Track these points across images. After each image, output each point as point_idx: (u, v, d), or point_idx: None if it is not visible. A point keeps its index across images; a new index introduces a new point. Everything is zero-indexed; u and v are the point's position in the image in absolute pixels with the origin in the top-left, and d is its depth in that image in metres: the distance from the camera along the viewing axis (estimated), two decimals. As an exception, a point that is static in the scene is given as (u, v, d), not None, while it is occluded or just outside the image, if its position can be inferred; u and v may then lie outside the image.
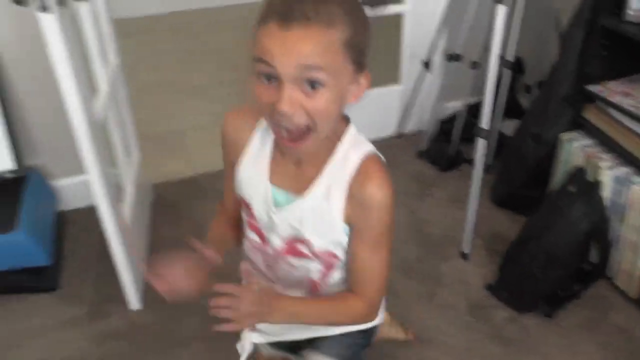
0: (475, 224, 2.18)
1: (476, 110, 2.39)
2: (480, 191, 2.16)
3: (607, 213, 1.97)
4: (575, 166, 2.07)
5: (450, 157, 2.66)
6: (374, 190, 1.05)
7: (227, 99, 3.17)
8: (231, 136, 1.18)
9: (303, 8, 0.90)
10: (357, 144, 1.10)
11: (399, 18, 2.65)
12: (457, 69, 2.55)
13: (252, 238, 1.22)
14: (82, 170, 1.83)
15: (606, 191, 1.97)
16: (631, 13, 1.96)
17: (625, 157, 1.99)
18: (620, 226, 1.97)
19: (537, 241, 1.92)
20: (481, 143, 2.08)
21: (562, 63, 2.17)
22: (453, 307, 2.02)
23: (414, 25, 2.66)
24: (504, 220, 2.37)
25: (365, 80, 1.02)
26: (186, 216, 2.41)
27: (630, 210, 1.93)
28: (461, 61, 2.52)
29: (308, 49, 0.91)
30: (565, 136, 2.15)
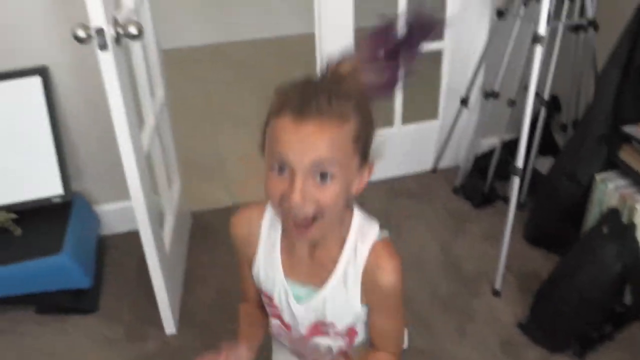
0: (507, 261, 2.18)
1: (511, 147, 2.40)
2: (513, 228, 2.16)
3: (642, 255, 1.95)
4: (609, 207, 2.06)
5: (484, 194, 2.67)
6: (386, 278, 1.11)
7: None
8: (241, 237, 1.22)
9: (318, 102, 0.93)
10: (364, 234, 1.13)
11: (439, 55, 2.69)
12: (494, 106, 2.56)
13: (276, 324, 1.26)
14: (123, 196, 1.86)
15: (641, 233, 1.96)
16: (668, 55, 1.96)
17: (660, 199, 1.97)
18: (654, 268, 1.95)
19: (570, 281, 1.91)
20: (516, 181, 2.10)
21: (598, 102, 2.17)
22: (484, 344, 2.02)
23: (453, 62, 2.70)
24: (537, 258, 2.36)
25: (368, 172, 1.06)
26: (223, 243, 2.44)
27: (665, 252, 1.91)
28: (498, 98, 2.54)
29: (323, 145, 0.93)
30: (600, 176, 2.14)
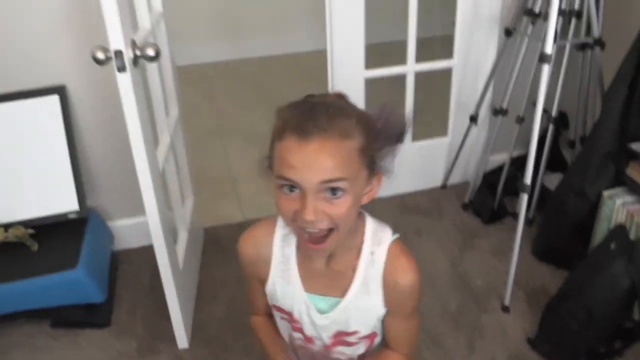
0: (516, 277, 2.20)
1: (520, 163, 2.43)
2: (522, 244, 2.18)
3: (649, 271, 1.96)
4: (617, 223, 2.08)
5: (493, 210, 2.68)
6: (406, 277, 1.14)
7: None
8: (249, 257, 1.24)
9: (318, 121, 0.96)
10: (379, 238, 1.16)
11: (449, 72, 2.72)
12: (503, 123, 2.59)
13: (297, 337, 1.27)
14: (136, 212, 1.85)
15: (648, 249, 1.97)
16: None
17: (668, 216, 1.98)
18: (662, 284, 1.96)
19: (577, 297, 1.92)
20: (524, 198, 2.12)
21: (604, 120, 2.18)
22: (493, 359, 2.03)
23: (462, 79, 2.73)
24: (545, 273, 2.37)
25: (377, 182, 1.08)
26: (235, 258, 2.42)
27: (673, 269, 1.91)
28: (507, 115, 2.56)
29: (329, 163, 0.95)
30: (607, 193, 2.16)
